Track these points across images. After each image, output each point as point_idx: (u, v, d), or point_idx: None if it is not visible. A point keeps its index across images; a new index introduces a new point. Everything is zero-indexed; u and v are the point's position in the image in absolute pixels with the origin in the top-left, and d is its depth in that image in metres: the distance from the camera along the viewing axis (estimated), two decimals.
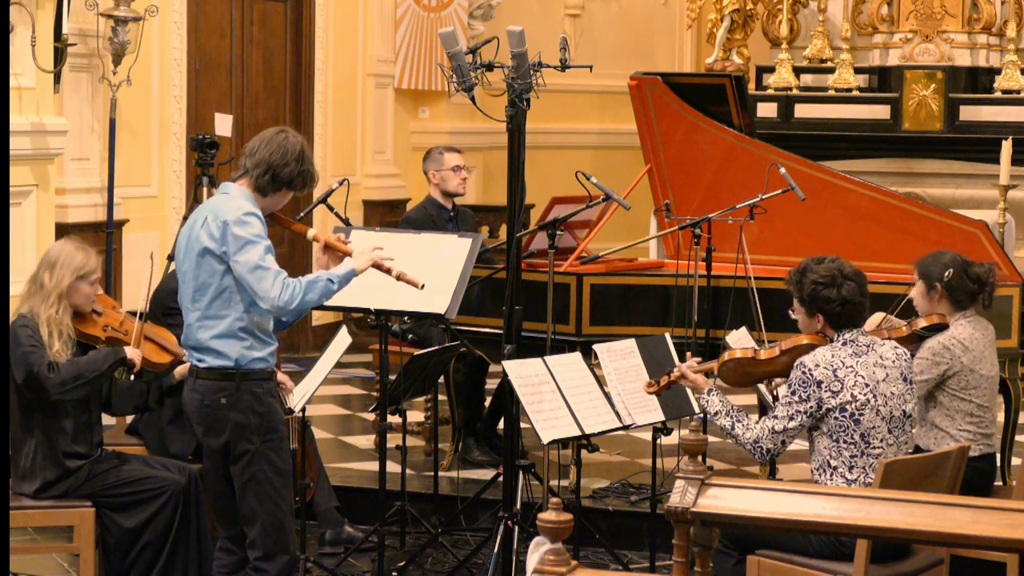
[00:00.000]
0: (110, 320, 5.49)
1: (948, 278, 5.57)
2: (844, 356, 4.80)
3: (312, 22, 10.68)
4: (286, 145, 4.68)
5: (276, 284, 4.55)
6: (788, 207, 6.83)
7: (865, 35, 12.05)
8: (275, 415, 4.73)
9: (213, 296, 4.61)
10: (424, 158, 7.67)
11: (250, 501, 4.68)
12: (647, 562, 6.07)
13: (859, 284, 4.88)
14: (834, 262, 4.92)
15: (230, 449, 4.67)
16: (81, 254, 5.36)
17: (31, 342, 5.23)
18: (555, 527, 3.33)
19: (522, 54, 5.48)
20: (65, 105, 8.43)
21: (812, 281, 4.88)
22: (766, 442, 4.84)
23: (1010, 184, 8.91)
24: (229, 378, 4.62)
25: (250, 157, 4.68)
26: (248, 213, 4.59)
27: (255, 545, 4.69)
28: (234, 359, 4.62)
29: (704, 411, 5.09)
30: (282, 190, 4.71)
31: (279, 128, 4.79)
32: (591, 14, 13.18)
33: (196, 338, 4.67)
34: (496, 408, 7.35)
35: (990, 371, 5.57)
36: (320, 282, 4.65)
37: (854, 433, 4.75)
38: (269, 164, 4.65)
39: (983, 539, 3.52)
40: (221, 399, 4.62)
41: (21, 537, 6.00)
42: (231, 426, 4.64)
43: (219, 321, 4.62)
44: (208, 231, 4.59)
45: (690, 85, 7.84)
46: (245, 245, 4.55)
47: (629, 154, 10.85)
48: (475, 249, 5.76)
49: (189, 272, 4.66)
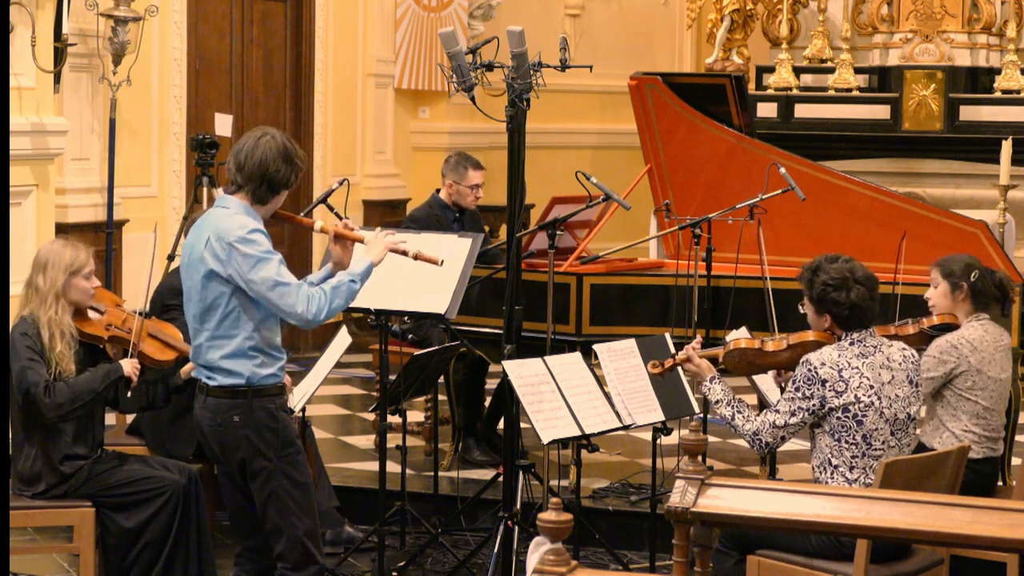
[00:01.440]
0: (113, 319, 5.48)
1: (975, 279, 5.57)
2: (850, 356, 4.79)
3: (312, 22, 10.68)
4: (268, 152, 4.59)
5: (301, 298, 4.51)
6: (788, 207, 6.83)
7: (865, 35, 12.05)
8: (289, 429, 4.69)
9: (221, 317, 4.56)
10: (446, 160, 7.57)
11: (273, 518, 4.65)
12: (647, 562, 6.07)
13: (869, 288, 4.85)
14: (847, 263, 4.89)
15: (246, 466, 4.63)
16: (70, 250, 5.34)
17: (29, 355, 5.21)
18: (555, 527, 3.33)
19: (522, 54, 5.48)
20: (65, 105, 8.44)
21: (823, 282, 4.86)
22: (765, 435, 4.85)
23: (1010, 184, 8.91)
24: (240, 395, 4.58)
25: (240, 172, 4.60)
26: (252, 231, 4.53)
27: (283, 558, 4.68)
28: (246, 377, 4.58)
29: (705, 398, 5.08)
30: (280, 192, 4.66)
31: (259, 132, 4.68)
32: (591, 14, 13.18)
33: (206, 358, 4.62)
34: (496, 408, 7.34)
35: (999, 374, 5.54)
36: (343, 285, 4.61)
37: (856, 434, 4.74)
38: (262, 175, 4.58)
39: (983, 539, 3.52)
40: (234, 417, 4.58)
41: (21, 537, 6.00)
42: (245, 444, 4.60)
43: (229, 341, 4.57)
44: (213, 252, 4.52)
45: (690, 85, 7.84)
46: (257, 264, 4.49)
47: (629, 154, 10.85)
48: (475, 249, 5.76)
49: (195, 292, 4.60)
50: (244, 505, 4.74)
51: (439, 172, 7.72)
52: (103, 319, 5.46)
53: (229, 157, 4.68)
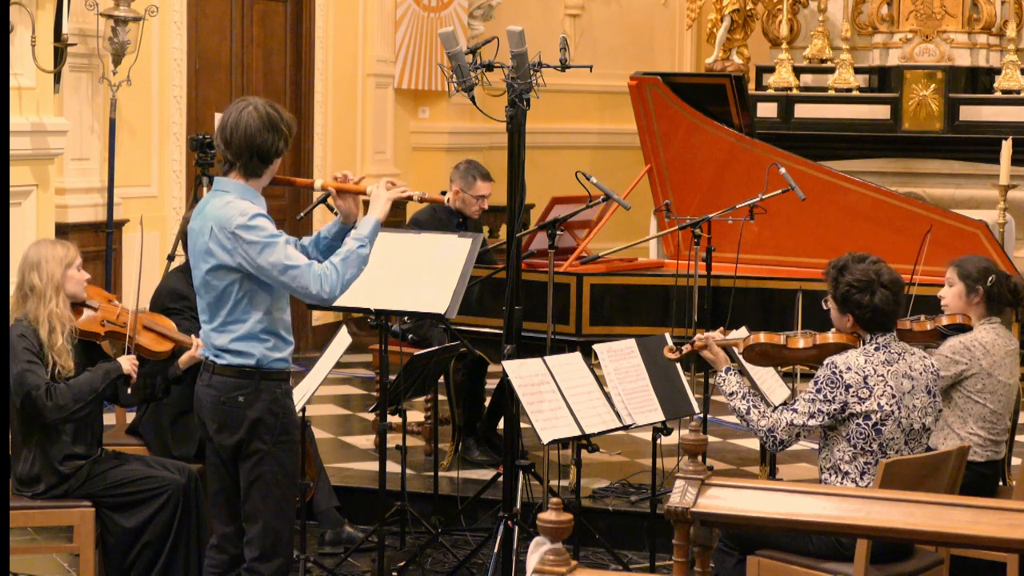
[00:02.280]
0: (107, 314, 5.49)
1: (991, 284, 5.56)
2: (876, 363, 4.73)
3: (312, 22, 10.68)
4: (253, 122, 4.52)
5: (313, 278, 4.46)
6: (788, 207, 6.84)
7: (865, 35, 12.05)
8: (291, 417, 4.66)
9: (233, 304, 4.53)
10: (456, 166, 7.45)
11: (254, 500, 4.61)
12: (647, 562, 6.07)
13: (894, 292, 4.79)
14: (874, 264, 4.82)
15: (242, 447, 4.59)
16: (60, 246, 5.42)
17: (28, 357, 5.21)
18: (555, 527, 3.33)
19: (522, 54, 5.48)
20: (65, 105, 8.44)
21: (847, 283, 4.80)
22: (781, 433, 4.79)
23: (1010, 184, 8.91)
24: (248, 376, 4.55)
25: (228, 149, 4.55)
26: (253, 216, 4.47)
27: (252, 544, 4.62)
28: (256, 358, 4.55)
29: (719, 389, 5.02)
30: (272, 162, 4.59)
31: (240, 103, 4.60)
32: (591, 14, 13.18)
33: (216, 343, 4.58)
34: (496, 408, 7.34)
35: (1008, 379, 5.52)
36: (352, 254, 4.54)
37: (874, 442, 4.70)
38: (250, 148, 4.51)
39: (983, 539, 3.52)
40: (239, 397, 4.54)
41: (21, 537, 6.00)
42: (247, 424, 4.56)
43: (240, 325, 4.54)
44: (218, 243, 4.48)
45: (690, 85, 7.85)
46: (264, 249, 4.44)
47: (629, 154, 10.85)
48: (475, 249, 5.75)
49: (202, 285, 4.58)
50: (228, 487, 4.68)
51: (439, 172, 7.72)
52: (98, 315, 5.47)
53: (215, 135, 4.62)
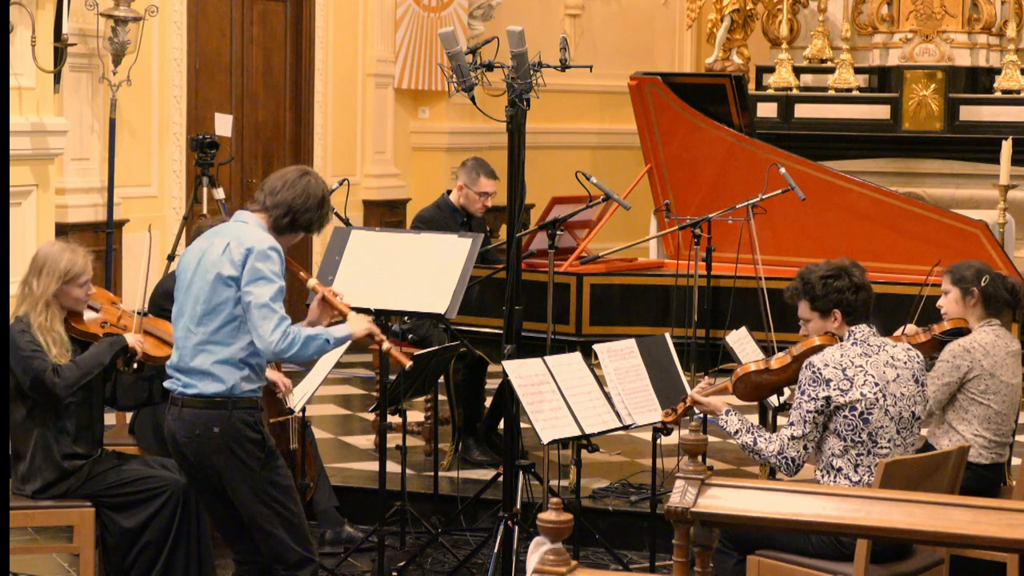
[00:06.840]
0: (108, 316, 5.48)
1: (985, 284, 5.56)
2: (853, 356, 4.77)
3: (312, 22, 10.68)
4: (309, 190, 4.63)
5: (278, 330, 4.49)
6: (788, 207, 6.83)
7: (865, 35, 12.05)
8: (268, 438, 4.67)
9: (224, 322, 4.54)
10: (463, 163, 7.47)
11: (263, 526, 4.63)
12: (647, 562, 6.07)
13: (861, 271, 4.91)
14: (829, 261, 4.93)
15: (226, 480, 4.60)
16: (67, 257, 5.30)
17: (32, 347, 5.22)
18: (555, 527, 3.34)
19: (522, 54, 5.48)
20: (65, 105, 8.44)
21: (820, 277, 4.87)
22: (789, 451, 4.78)
23: (1010, 184, 8.91)
24: (219, 406, 4.55)
25: (271, 196, 4.62)
26: (273, 248, 4.54)
27: (277, 560, 4.66)
28: (229, 386, 4.54)
29: (724, 433, 5.03)
30: (297, 232, 4.69)
31: (302, 170, 4.73)
32: (591, 14, 13.18)
33: (192, 363, 4.57)
34: (496, 408, 7.34)
35: (1011, 379, 5.53)
36: (319, 340, 4.59)
37: (862, 432, 4.72)
38: (290, 207, 4.60)
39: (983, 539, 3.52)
40: (214, 428, 4.55)
41: (21, 537, 6.00)
42: (226, 454, 4.56)
43: (225, 348, 4.55)
44: (231, 258, 4.52)
45: (690, 85, 7.85)
46: (259, 280, 4.49)
47: (629, 154, 10.85)
48: (475, 249, 5.75)
49: (200, 295, 4.57)
50: (228, 513, 4.70)
51: (439, 172, 7.71)
52: (98, 317, 5.46)
53: (265, 180, 4.70)
